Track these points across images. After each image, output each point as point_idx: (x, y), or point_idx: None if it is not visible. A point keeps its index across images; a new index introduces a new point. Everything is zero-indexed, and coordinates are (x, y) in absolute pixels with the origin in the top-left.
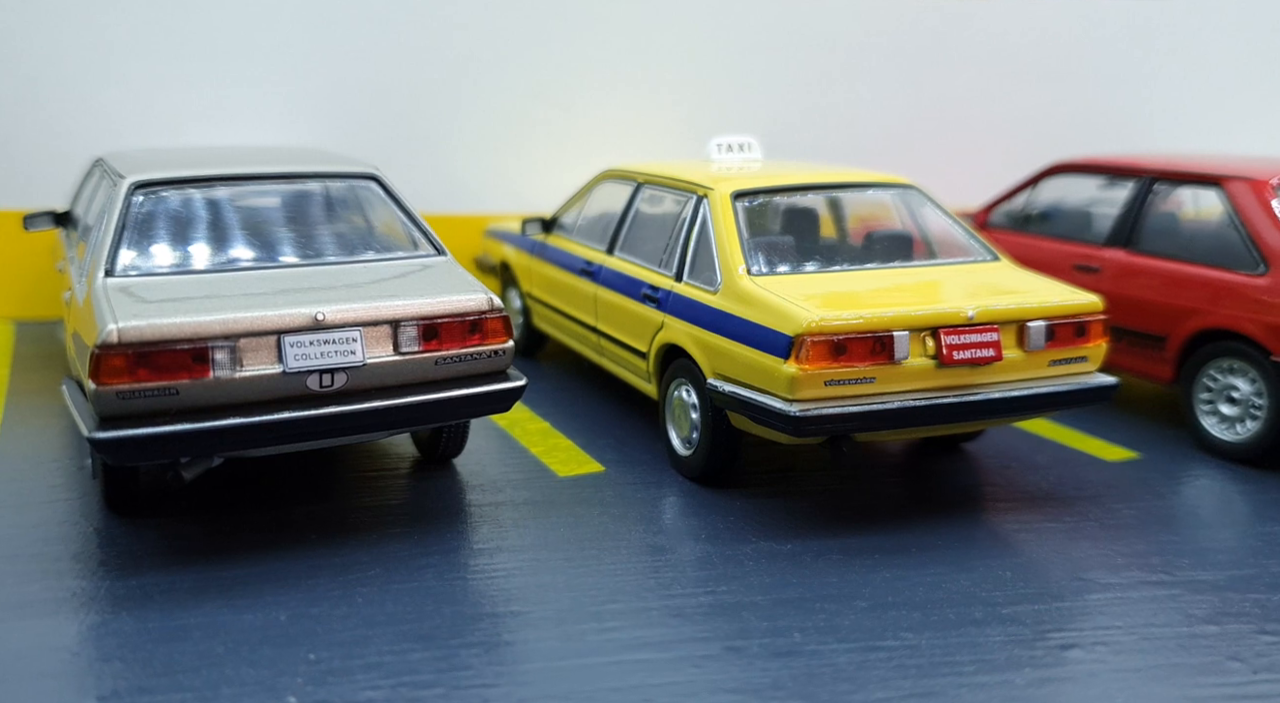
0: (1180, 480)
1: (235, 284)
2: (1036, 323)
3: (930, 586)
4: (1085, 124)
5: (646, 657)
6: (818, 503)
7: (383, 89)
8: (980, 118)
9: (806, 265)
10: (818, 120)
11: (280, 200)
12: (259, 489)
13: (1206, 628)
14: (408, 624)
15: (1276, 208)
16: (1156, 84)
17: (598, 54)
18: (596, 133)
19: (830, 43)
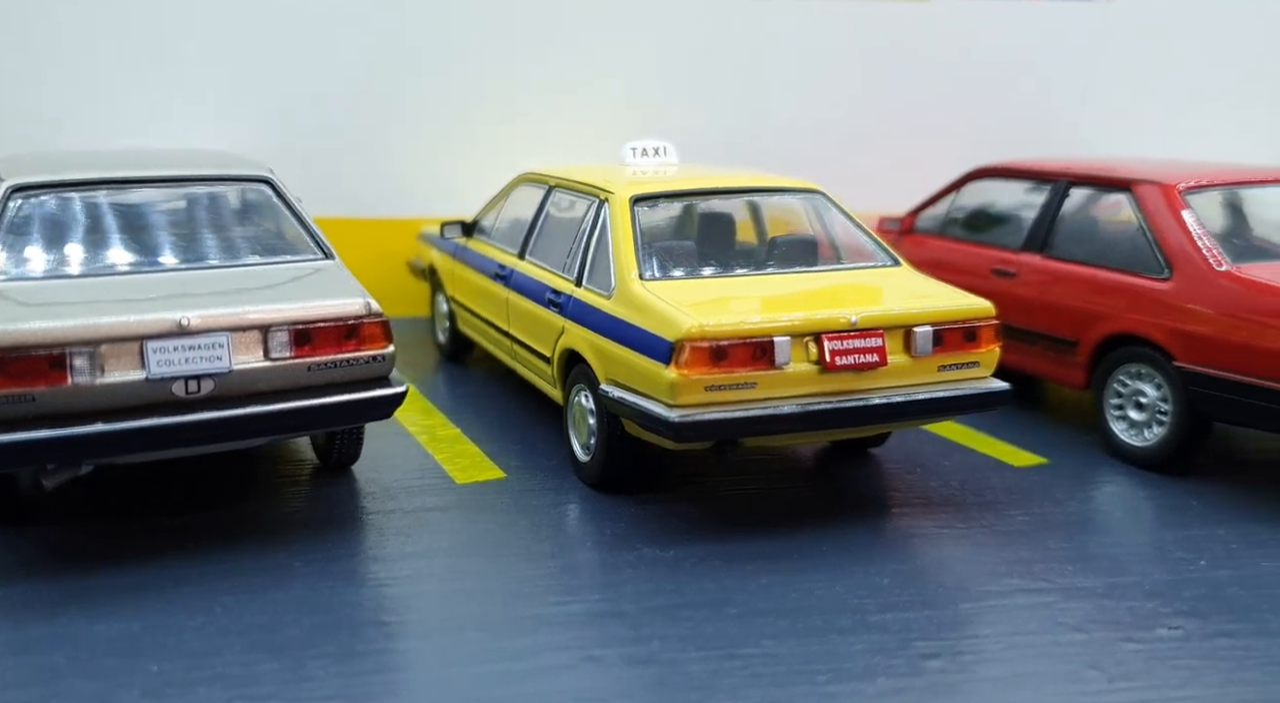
0: (1084, 486)
1: (107, 289)
2: (923, 328)
3: (805, 592)
4: (1031, 129)
5: (501, 668)
6: (715, 508)
7: (324, 94)
8: (922, 123)
9: (703, 270)
10: (759, 127)
11: (166, 204)
12: (153, 494)
13: (1073, 636)
14: (263, 635)
15: (1184, 213)
16: (1105, 89)
17: (540, 58)
18: (538, 137)
19: (773, 50)
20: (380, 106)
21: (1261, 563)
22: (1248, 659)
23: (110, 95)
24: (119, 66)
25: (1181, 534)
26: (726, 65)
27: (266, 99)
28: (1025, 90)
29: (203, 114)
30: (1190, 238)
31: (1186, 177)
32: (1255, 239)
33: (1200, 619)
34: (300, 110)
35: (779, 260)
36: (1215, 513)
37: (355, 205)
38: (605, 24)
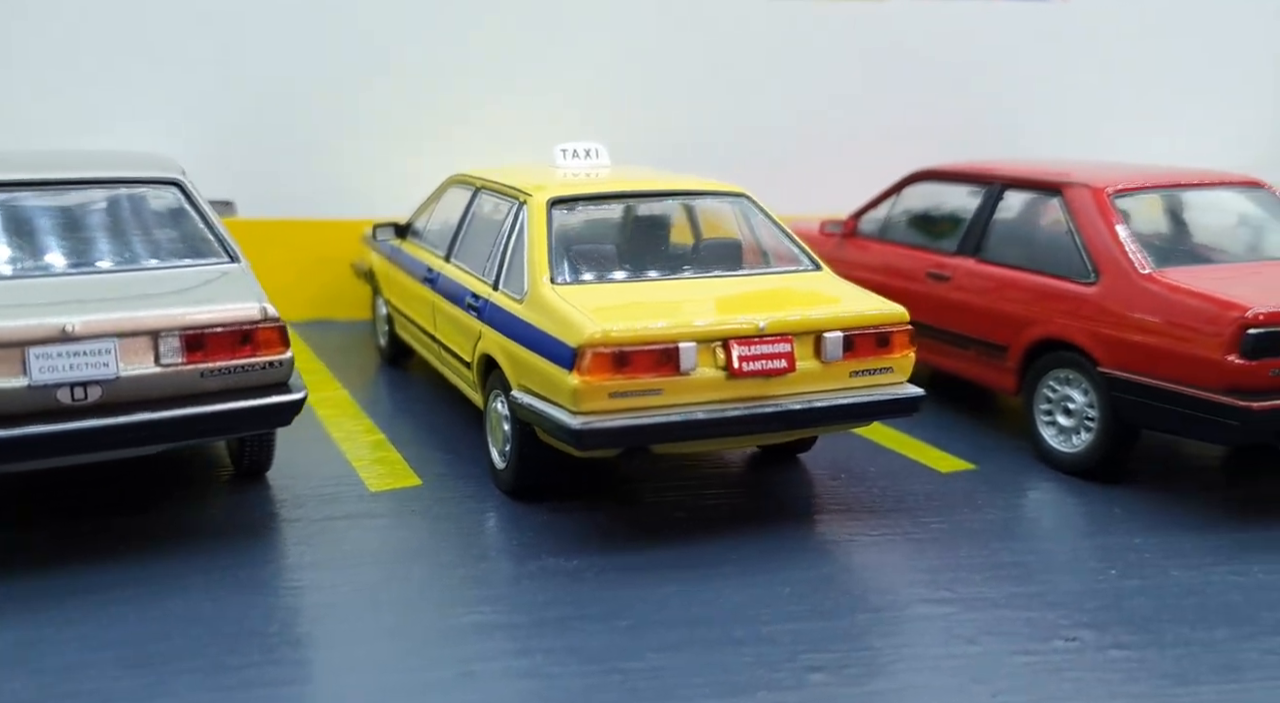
0: (1007, 493)
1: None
2: (833, 334)
3: (705, 603)
4: (985, 130)
5: (374, 682)
6: (630, 516)
7: (271, 94)
8: (875, 124)
9: (619, 275)
10: (709, 130)
11: (67, 206)
12: (58, 502)
13: (966, 648)
14: (137, 648)
15: (1111, 216)
16: (1063, 89)
17: (489, 57)
18: (489, 137)
19: (723, 52)
20: (329, 107)
21: (1172, 573)
22: (1138, 672)
23: (48, 94)
24: (60, 65)
25: (1098, 542)
26: (676, 67)
27: (214, 100)
28: (980, 90)
29: (147, 115)
30: (1115, 241)
31: (1116, 180)
32: (1183, 243)
33: (1098, 630)
34: (247, 111)
35: (699, 265)
36: (1136, 521)
37: (303, 207)
38: (556, 24)
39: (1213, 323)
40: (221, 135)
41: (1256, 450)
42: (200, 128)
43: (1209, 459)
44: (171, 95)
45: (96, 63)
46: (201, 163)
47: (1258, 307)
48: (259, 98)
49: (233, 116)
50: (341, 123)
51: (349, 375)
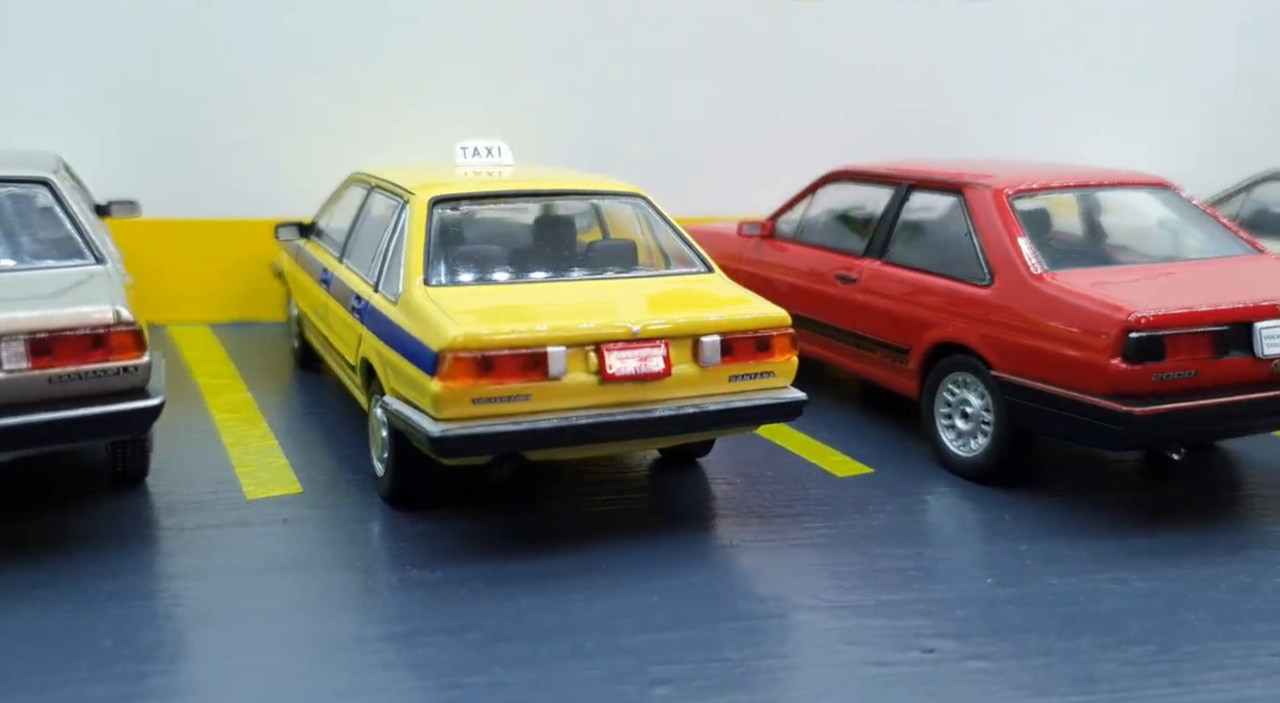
0: (900, 498)
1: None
2: (710, 338)
3: (565, 614)
4: (911, 131)
5: (206, 697)
6: (509, 525)
7: (191, 93)
8: (801, 124)
9: (498, 276)
10: (630, 129)
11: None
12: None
13: (821, 658)
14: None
15: (1008, 217)
16: (995, 89)
17: (409, 55)
18: (409, 133)
19: (644, 50)
20: (250, 105)
21: (1050, 581)
22: (993, 684)
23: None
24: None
25: (982, 549)
26: (596, 65)
27: (132, 100)
28: (909, 90)
29: (62, 115)
30: (1009, 243)
31: (1016, 180)
32: (1081, 244)
33: (961, 640)
34: (167, 110)
35: (588, 266)
36: (1024, 528)
37: (225, 206)
38: (479, 23)
39: (1097, 326)
40: (140, 135)
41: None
42: (118, 128)
43: (1112, 464)
44: (88, 95)
45: (4, 61)
46: (123, 163)
47: (1141, 310)
48: (179, 97)
49: (154, 116)
50: (261, 121)
51: (258, 379)
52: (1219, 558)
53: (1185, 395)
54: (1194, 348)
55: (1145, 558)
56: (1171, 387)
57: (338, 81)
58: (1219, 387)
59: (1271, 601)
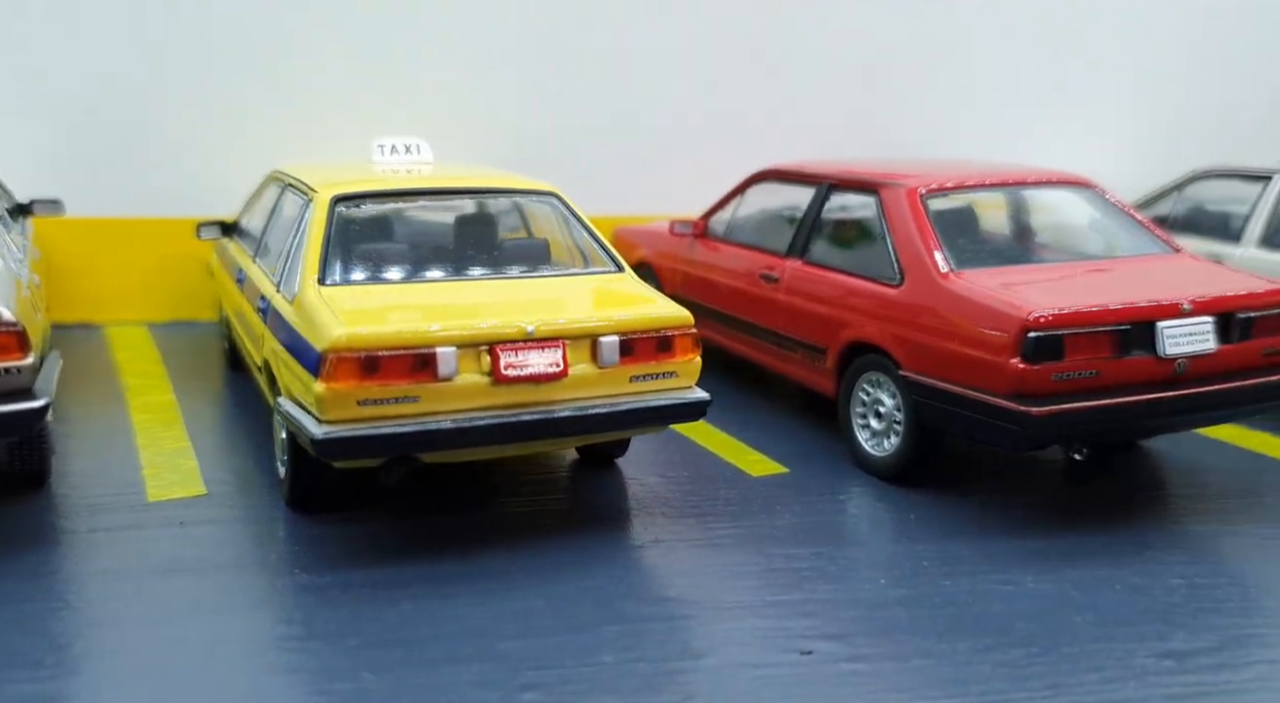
0: (811, 498)
1: None
2: (609, 338)
3: (448, 619)
4: (851, 130)
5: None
6: (410, 528)
7: (125, 91)
8: (739, 123)
9: (398, 276)
10: (563, 128)
11: None
12: None
13: (697, 662)
14: None
15: (920, 216)
16: (943, 86)
17: (345, 52)
18: (344, 132)
19: (583, 48)
20: (182, 102)
21: (943, 582)
22: (865, 686)
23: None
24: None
25: (881, 549)
26: (532, 67)
27: (64, 98)
28: (850, 88)
29: None
30: (919, 242)
31: (932, 179)
32: (994, 243)
33: (842, 642)
34: (101, 108)
35: (494, 265)
36: (927, 529)
37: (164, 205)
38: (409, 18)
39: (997, 325)
40: (76, 134)
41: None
42: (51, 126)
43: (1036, 464)
44: (20, 93)
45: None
46: (55, 162)
47: (1040, 309)
48: (116, 94)
49: (87, 114)
50: (199, 119)
51: (185, 380)
52: (1119, 559)
53: (1086, 395)
54: (1094, 348)
55: (1044, 559)
56: (1072, 386)
57: (271, 78)
58: (1122, 387)
59: (1162, 601)
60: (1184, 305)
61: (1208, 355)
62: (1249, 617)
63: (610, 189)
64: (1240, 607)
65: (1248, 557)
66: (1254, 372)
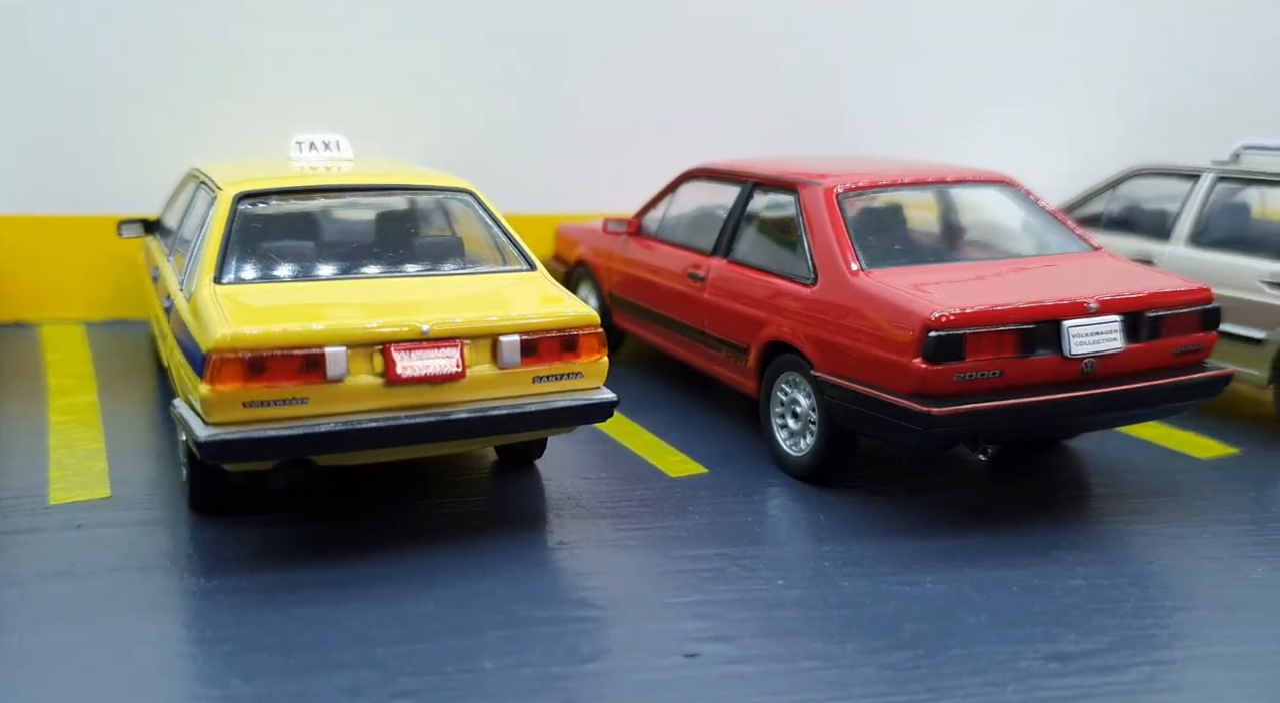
0: (726, 498)
1: None
2: (509, 338)
3: (331, 624)
4: (796, 129)
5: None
6: (314, 531)
7: (66, 89)
8: (679, 121)
9: (298, 275)
10: (497, 127)
11: None
12: None
13: (580, 667)
14: None
15: (835, 216)
16: (883, 88)
17: (279, 49)
18: (279, 130)
19: (514, 44)
20: (121, 99)
21: (841, 583)
22: (747, 689)
23: None
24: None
25: (786, 550)
26: (471, 67)
27: (9, 95)
28: (800, 85)
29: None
30: (833, 241)
31: (850, 178)
32: (906, 243)
33: (731, 644)
34: (42, 106)
35: (402, 263)
36: (835, 528)
37: (100, 203)
38: (346, 11)
39: (900, 325)
40: (12, 131)
41: (1016, 452)
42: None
43: (951, 464)
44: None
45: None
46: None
47: (941, 309)
48: (48, 93)
49: (24, 112)
50: (135, 116)
51: (113, 381)
52: (1023, 559)
53: (990, 395)
54: (998, 347)
55: (947, 559)
56: (974, 386)
57: (209, 76)
58: (1028, 386)
59: (1059, 602)
60: (1090, 305)
61: (1115, 355)
62: (1143, 618)
63: (556, 187)
64: (1136, 608)
65: (1154, 556)
66: (1165, 371)
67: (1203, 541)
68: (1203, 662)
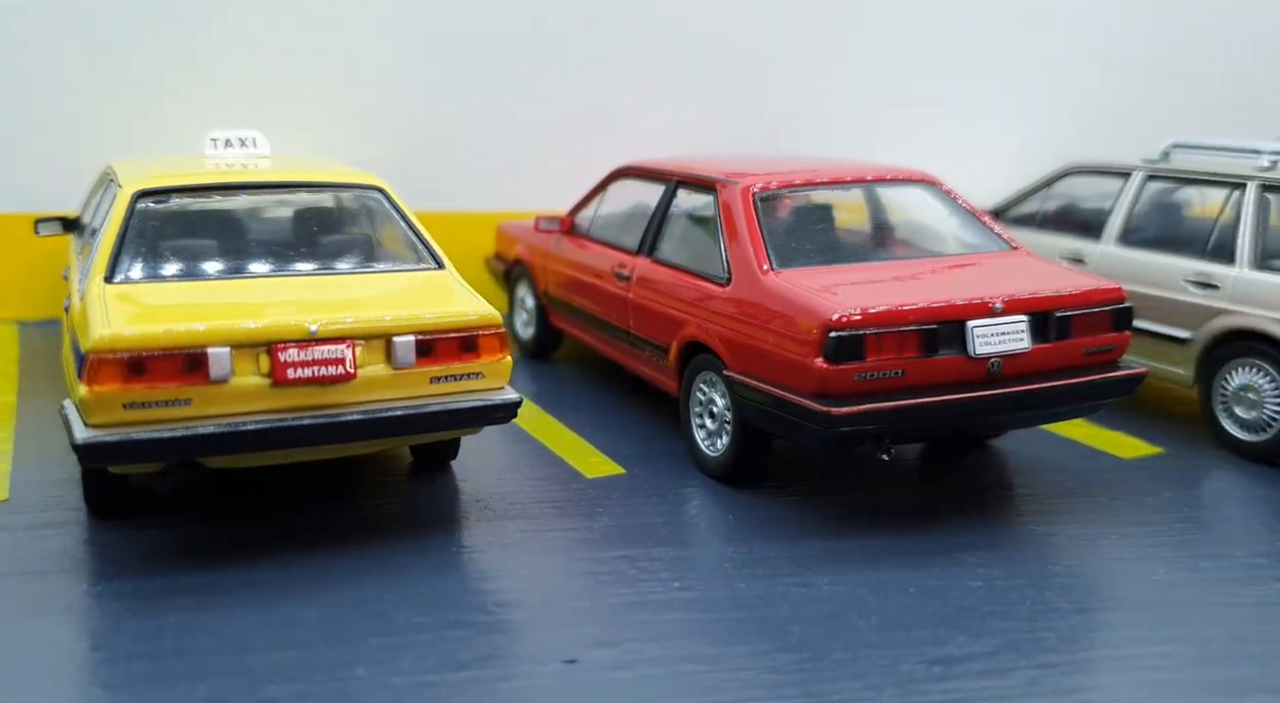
0: (639, 499)
1: None
2: (404, 338)
3: (207, 631)
4: (741, 128)
5: None
6: (211, 535)
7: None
8: (620, 120)
9: (192, 274)
10: (447, 122)
11: None
12: None
13: (453, 675)
14: None
15: (750, 215)
16: (830, 82)
17: (210, 49)
18: (203, 126)
19: (452, 40)
20: (69, 95)
21: (738, 585)
22: (624, 695)
23: None
24: None
25: (689, 552)
26: (401, 64)
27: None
28: (739, 85)
29: None
30: (747, 241)
31: (766, 177)
32: (822, 242)
33: (614, 648)
34: None
35: (304, 261)
36: (742, 530)
37: (31, 200)
38: (280, 5)
39: (803, 325)
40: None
41: (950, 450)
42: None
43: (875, 464)
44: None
45: None
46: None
47: (843, 309)
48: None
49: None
50: (65, 112)
51: (36, 381)
52: (925, 560)
53: (892, 395)
54: (900, 347)
55: (849, 560)
56: (876, 386)
57: (141, 72)
58: (933, 386)
59: (954, 604)
60: (995, 305)
61: (1022, 355)
62: (1035, 620)
63: (504, 185)
64: (1031, 610)
65: (1058, 557)
66: (1076, 371)
67: (1110, 542)
68: (1087, 666)
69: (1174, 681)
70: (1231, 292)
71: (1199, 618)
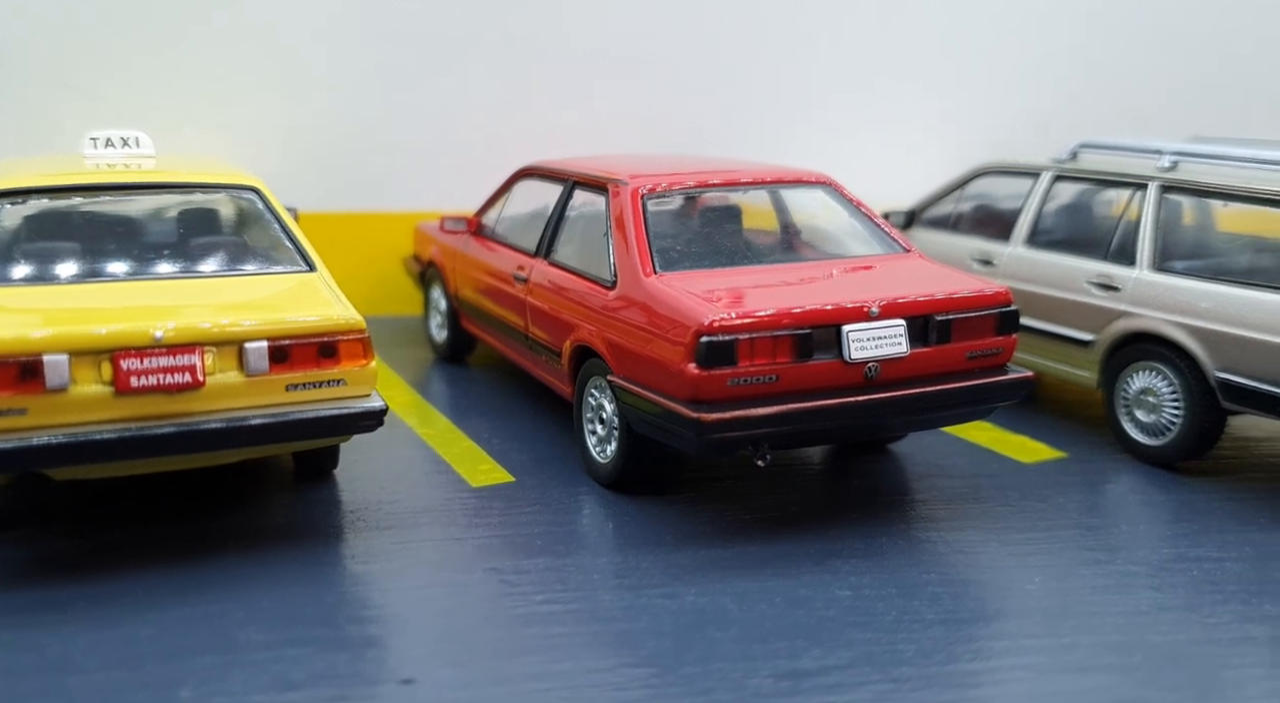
0: (517, 509)
1: None
2: (255, 344)
3: (32, 649)
4: (661, 128)
5: None
6: (58, 547)
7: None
8: (557, 120)
9: (44, 279)
10: (394, 119)
11: None
12: None
13: (283, 695)
14: None
15: (637, 216)
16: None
17: (100, 40)
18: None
19: (399, 36)
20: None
21: (603, 596)
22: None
23: None
24: None
25: (560, 563)
26: (323, 55)
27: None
28: (659, 85)
29: None
30: (633, 243)
31: (656, 178)
32: (710, 245)
33: (456, 667)
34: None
35: (163, 265)
36: (620, 539)
37: None
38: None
39: (676, 330)
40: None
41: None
42: None
43: (778, 470)
44: None
45: None
46: None
47: (715, 314)
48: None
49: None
50: (27, 105)
51: None
52: (796, 569)
53: (766, 401)
54: (773, 352)
55: (720, 569)
56: (749, 392)
57: (41, 70)
58: (808, 392)
59: (817, 615)
60: (871, 309)
61: (900, 359)
62: (896, 632)
63: (423, 185)
64: (895, 621)
65: (934, 566)
66: (958, 375)
67: (990, 549)
68: (939, 680)
69: (1025, 693)
70: (1132, 294)
71: (1065, 628)
